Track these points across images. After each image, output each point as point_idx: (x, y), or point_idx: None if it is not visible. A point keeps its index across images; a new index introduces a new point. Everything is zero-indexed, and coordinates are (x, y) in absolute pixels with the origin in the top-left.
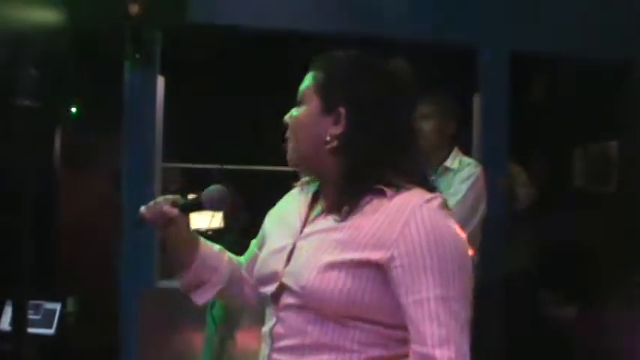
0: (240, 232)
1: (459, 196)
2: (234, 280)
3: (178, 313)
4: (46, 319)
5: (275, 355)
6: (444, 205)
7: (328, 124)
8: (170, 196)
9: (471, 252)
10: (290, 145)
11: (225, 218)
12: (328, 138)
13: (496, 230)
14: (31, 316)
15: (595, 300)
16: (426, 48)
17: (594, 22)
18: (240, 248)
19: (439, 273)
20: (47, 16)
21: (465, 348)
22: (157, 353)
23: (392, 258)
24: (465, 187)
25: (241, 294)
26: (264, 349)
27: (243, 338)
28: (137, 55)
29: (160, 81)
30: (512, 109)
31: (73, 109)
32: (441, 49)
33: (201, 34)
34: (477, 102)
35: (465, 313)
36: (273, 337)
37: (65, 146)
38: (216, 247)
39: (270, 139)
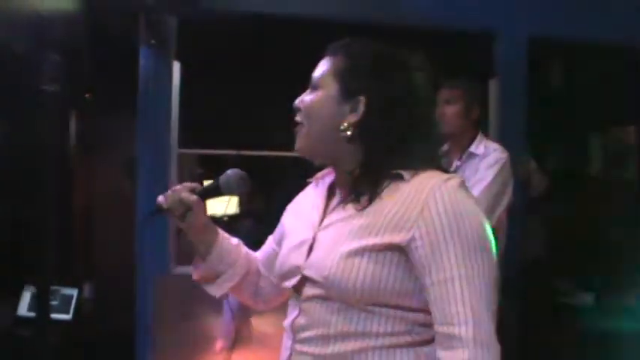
0: (256, 218)
1: (485, 183)
2: (250, 275)
3: (193, 299)
4: (64, 305)
5: (298, 347)
6: (463, 185)
7: (345, 111)
8: (188, 184)
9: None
10: (302, 131)
11: (241, 204)
12: (345, 125)
13: (514, 217)
14: None
15: (612, 288)
16: (443, 33)
17: (612, 5)
18: (256, 233)
19: (461, 251)
20: (65, 3)
21: (491, 327)
22: (172, 339)
23: (413, 239)
24: (491, 172)
25: (256, 289)
26: (287, 341)
27: (258, 324)
28: (152, 41)
29: (176, 67)
30: (530, 94)
31: (89, 95)
32: (458, 34)
33: (216, 19)
34: (494, 87)
35: (489, 290)
36: (295, 329)
37: (80, 132)
38: (234, 240)
39: (286, 125)
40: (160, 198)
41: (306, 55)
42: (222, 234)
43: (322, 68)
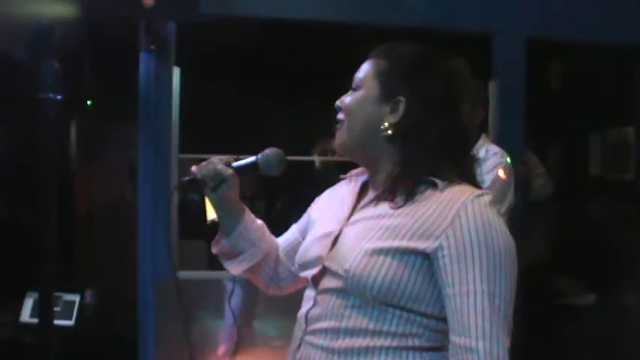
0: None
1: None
2: (270, 258)
3: (196, 304)
4: (66, 311)
5: (308, 338)
6: (493, 202)
7: (385, 111)
8: (224, 157)
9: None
10: (342, 130)
11: None
12: (385, 125)
13: (514, 218)
14: None
15: (614, 288)
16: (441, 34)
17: (611, 6)
18: None
19: (487, 267)
20: (64, 9)
21: (507, 344)
22: (174, 344)
23: (440, 247)
24: (489, 178)
25: (274, 274)
26: (297, 332)
27: (261, 328)
28: (152, 47)
29: (176, 72)
30: (528, 95)
31: (88, 101)
32: (456, 35)
33: (215, 24)
34: (492, 88)
35: (508, 309)
36: (308, 319)
37: (80, 138)
38: (259, 221)
39: (285, 130)
40: (194, 168)
41: (306, 58)
42: (249, 212)
43: (364, 70)
